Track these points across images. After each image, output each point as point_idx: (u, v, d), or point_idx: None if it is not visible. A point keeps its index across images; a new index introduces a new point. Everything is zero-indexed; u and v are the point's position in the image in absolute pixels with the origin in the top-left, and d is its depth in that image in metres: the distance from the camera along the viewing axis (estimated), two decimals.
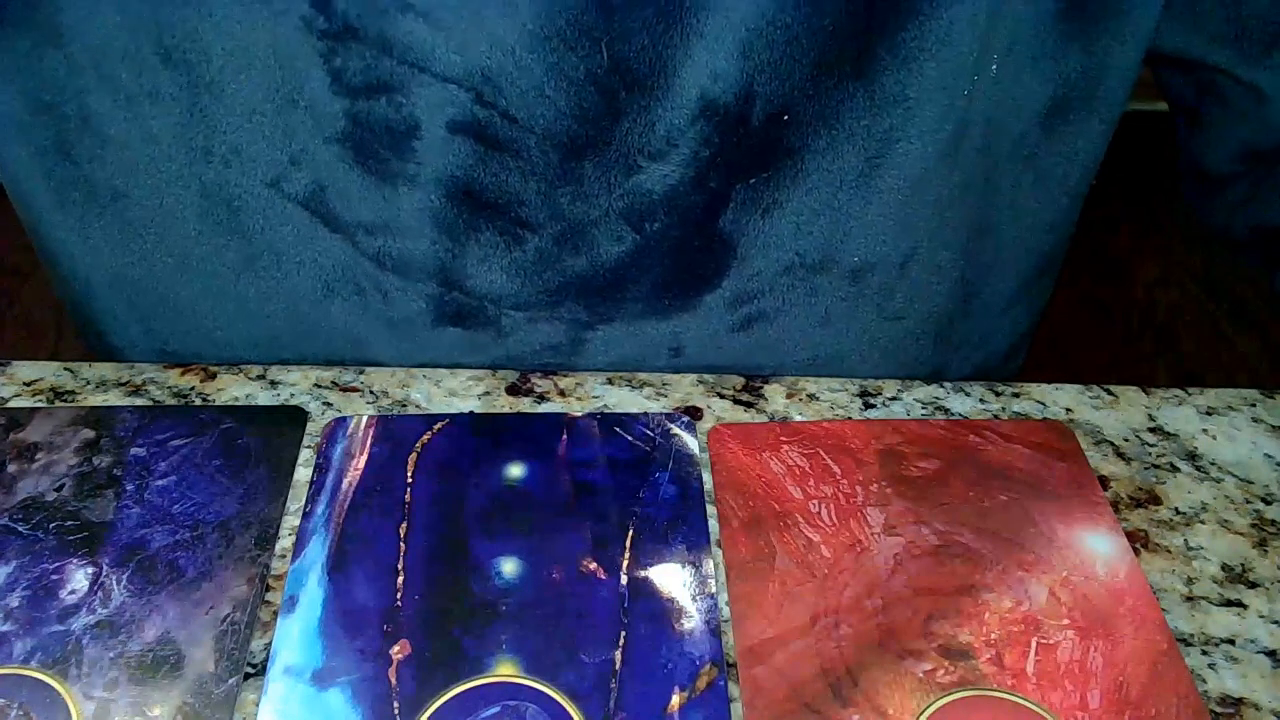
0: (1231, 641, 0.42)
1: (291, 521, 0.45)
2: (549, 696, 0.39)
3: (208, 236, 0.50)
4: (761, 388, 0.53)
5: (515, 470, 0.47)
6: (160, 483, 0.46)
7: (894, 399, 0.52)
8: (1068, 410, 0.52)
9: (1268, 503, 0.48)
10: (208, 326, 0.54)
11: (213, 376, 0.52)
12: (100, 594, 0.42)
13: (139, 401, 0.51)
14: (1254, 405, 0.53)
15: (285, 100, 0.45)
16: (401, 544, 0.44)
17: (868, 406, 0.52)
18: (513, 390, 0.52)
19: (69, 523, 0.44)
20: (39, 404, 0.50)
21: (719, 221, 0.49)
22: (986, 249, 0.54)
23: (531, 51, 0.44)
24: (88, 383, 0.52)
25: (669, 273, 0.51)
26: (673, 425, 0.50)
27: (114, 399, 0.51)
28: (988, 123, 0.48)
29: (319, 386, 0.52)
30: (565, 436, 0.49)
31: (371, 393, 0.52)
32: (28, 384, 0.51)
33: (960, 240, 0.53)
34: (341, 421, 0.49)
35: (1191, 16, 0.49)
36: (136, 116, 0.46)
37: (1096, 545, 0.45)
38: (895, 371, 0.57)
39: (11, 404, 0.50)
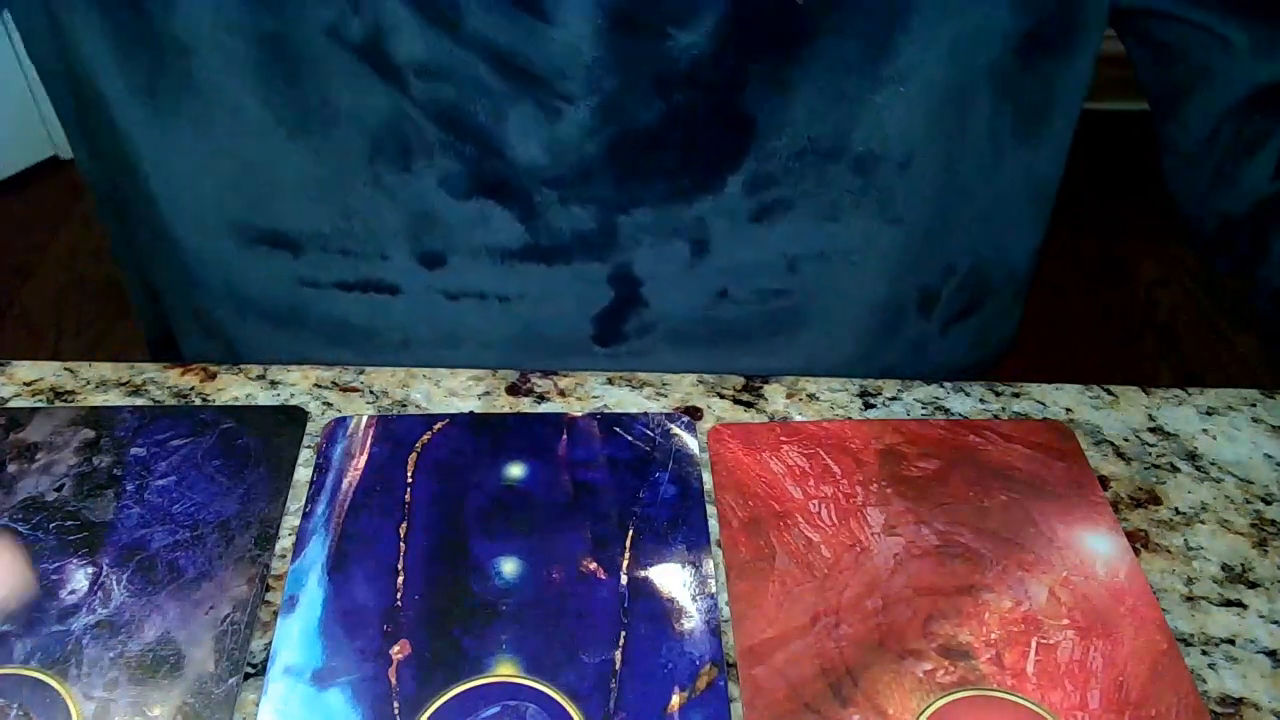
0: (1231, 641, 0.42)
1: (291, 521, 0.45)
2: (549, 696, 0.39)
3: (263, 92, 0.50)
4: (761, 388, 0.53)
5: (515, 470, 0.47)
6: (160, 483, 0.46)
7: (894, 399, 0.52)
8: (1068, 410, 0.52)
9: (1268, 503, 0.48)
10: (255, 191, 0.54)
11: (213, 376, 0.52)
12: (100, 594, 0.42)
13: (139, 401, 0.51)
14: (1254, 405, 0.53)
15: None
16: (401, 544, 0.44)
17: (868, 406, 0.52)
18: (513, 390, 0.52)
19: (69, 523, 0.44)
20: (39, 404, 0.50)
21: (739, 99, 0.50)
22: (990, 162, 0.56)
23: None
24: (88, 383, 0.52)
25: (694, 150, 0.52)
26: (673, 425, 0.50)
27: (114, 399, 0.51)
28: (975, 34, 0.50)
29: (319, 386, 0.52)
30: (565, 436, 0.49)
31: (371, 393, 0.52)
32: (28, 384, 0.51)
33: (951, 150, 0.54)
34: (341, 421, 0.49)
35: None
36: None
37: (1096, 545, 0.45)
38: (894, 271, 0.58)
39: (11, 404, 0.50)
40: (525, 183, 0.52)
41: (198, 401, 0.51)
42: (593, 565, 0.43)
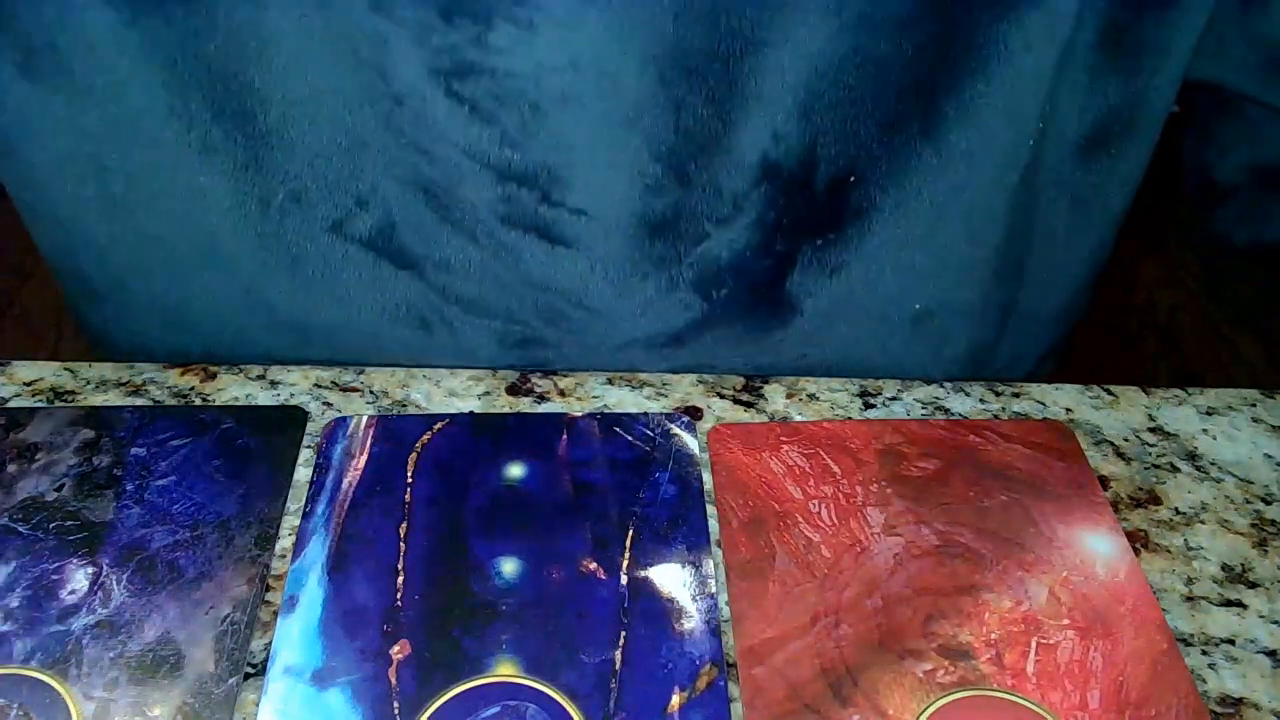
0: (1231, 641, 0.42)
1: (291, 521, 0.45)
2: (549, 696, 0.39)
3: (266, 280, 0.50)
4: (761, 388, 0.53)
5: (515, 470, 0.47)
6: (160, 483, 0.46)
7: (894, 399, 0.52)
8: (1068, 410, 0.52)
9: (1268, 503, 0.48)
10: (269, 350, 0.54)
11: (213, 376, 0.52)
12: (100, 594, 0.42)
13: (139, 401, 0.50)
14: (1254, 405, 0.53)
15: (354, 143, 0.44)
16: (401, 544, 0.44)
17: (868, 406, 0.52)
18: (513, 390, 0.52)
19: (69, 523, 0.44)
20: (39, 404, 0.50)
21: (785, 283, 0.49)
22: (1029, 277, 0.55)
23: (597, 141, 0.43)
24: (88, 383, 0.52)
25: (733, 333, 0.51)
26: (673, 425, 0.50)
27: (114, 399, 0.51)
28: (1039, 162, 0.48)
29: (319, 386, 0.52)
30: (565, 436, 0.49)
31: (371, 393, 0.52)
32: (28, 384, 0.51)
33: (1009, 275, 0.53)
34: (341, 421, 0.49)
35: (1217, 48, 0.48)
36: (188, 175, 0.46)
37: (1096, 545, 0.45)
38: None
39: (11, 404, 0.50)
40: (554, 343, 0.52)
41: (198, 401, 0.51)
42: (593, 565, 0.43)
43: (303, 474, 0.47)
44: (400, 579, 0.43)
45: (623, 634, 0.41)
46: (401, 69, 0.42)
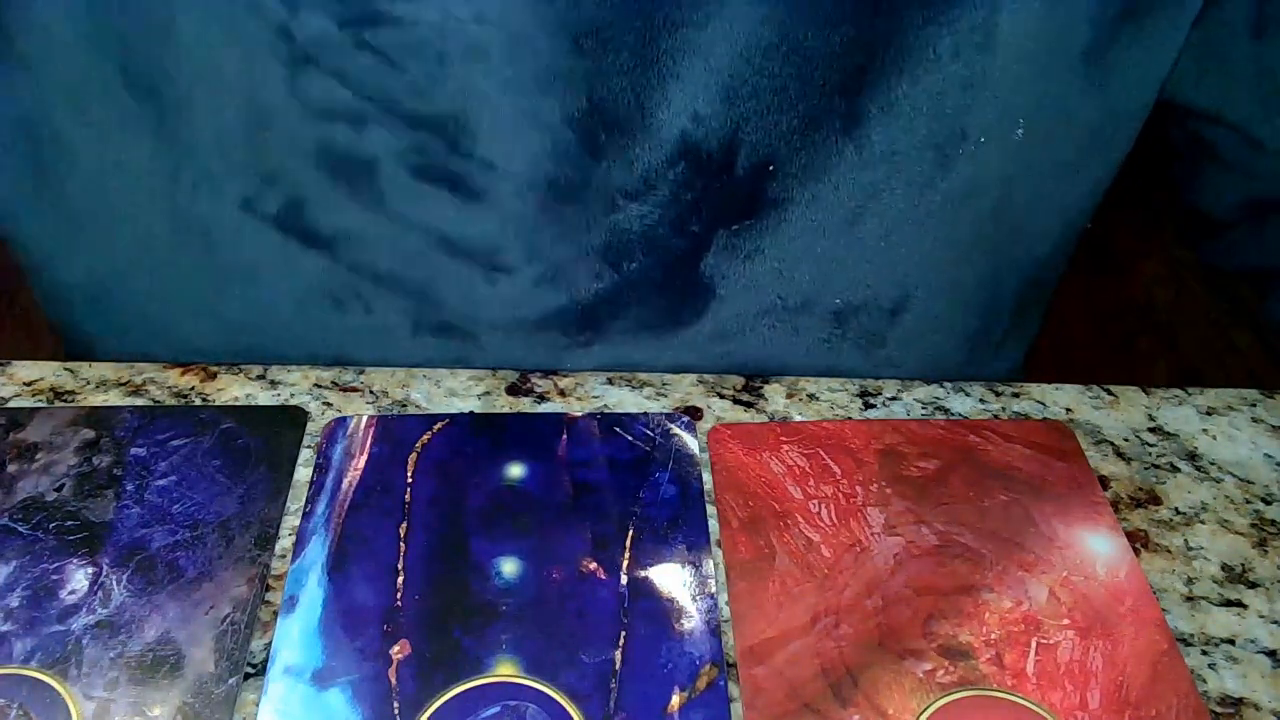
0: (1231, 641, 0.42)
1: (291, 521, 0.45)
2: (549, 696, 0.39)
3: (181, 258, 0.50)
4: (761, 388, 0.53)
5: (515, 470, 0.47)
6: (160, 483, 0.46)
7: (894, 399, 0.52)
8: (1068, 410, 0.52)
9: (1268, 503, 0.48)
10: (187, 338, 0.54)
11: (213, 376, 0.52)
12: (100, 594, 0.42)
13: (139, 401, 0.50)
14: (1254, 405, 0.53)
15: (258, 120, 0.45)
16: (401, 544, 0.44)
17: (868, 406, 0.52)
18: (513, 390, 0.52)
19: (69, 523, 0.44)
20: (39, 404, 0.50)
21: (700, 265, 0.49)
22: (991, 296, 0.54)
23: (506, 97, 0.43)
24: (88, 383, 0.52)
25: (647, 311, 0.51)
26: (673, 425, 0.50)
27: (114, 399, 0.51)
28: (1007, 181, 0.48)
29: (319, 386, 0.52)
30: (565, 436, 0.49)
31: (371, 393, 0.52)
32: (28, 384, 0.51)
33: (964, 291, 0.52)
34: (341, 421, 0.49)
35: (1223, 76, 0.48)
36: (106, 143, 0.46)
37: (1096, 545, 0.45)
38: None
39: (11, 404, 0.50)
40: (469, 328, 0.52)
41: (198, 401, 0.51)
42: (593, 565, 0.43)
43: (303, 474, 0.47)
44: (400, 579, 0.43)
45: (623, 634, 0.41)
46: (309, 24, 0.42)
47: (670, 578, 0.43)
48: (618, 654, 0.40)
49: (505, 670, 0.40)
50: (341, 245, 0.49)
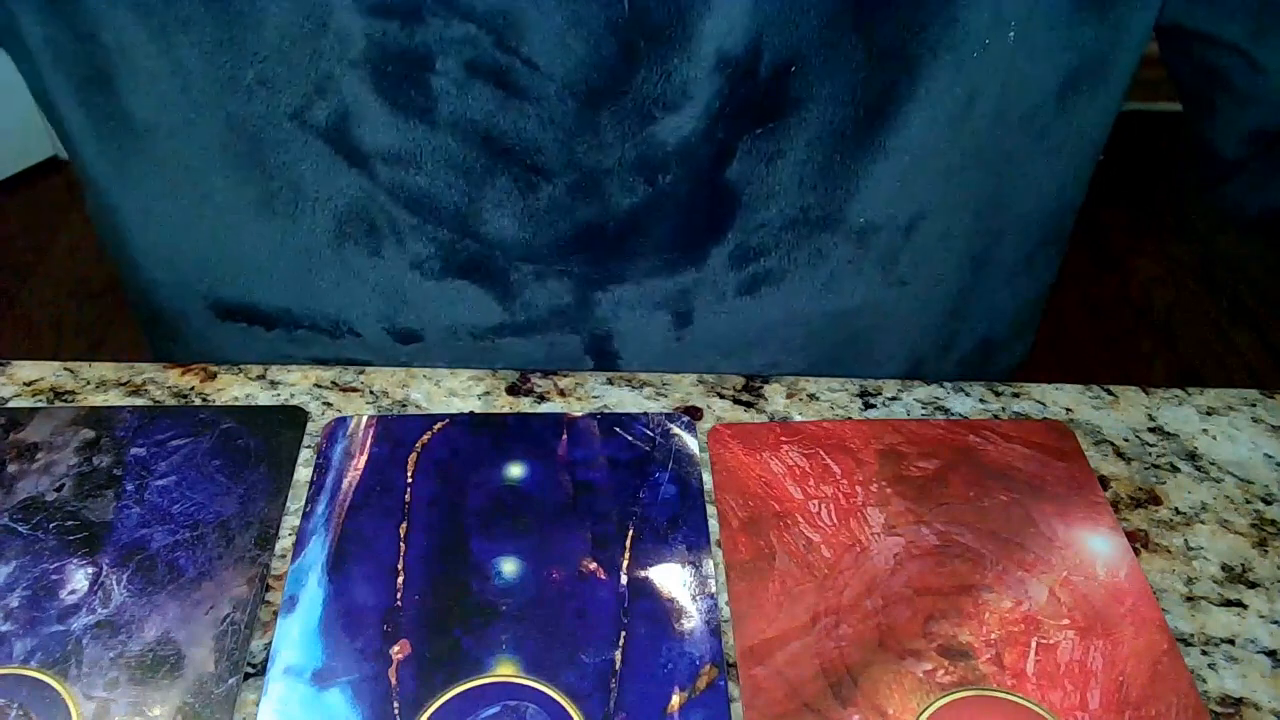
0: (1231, 641, 0.42)
1: (291, 521, 0.45)
2: (549, 696, 0.39)
3: (230, 171, 0.50)
4: (761, 388, 0.53)
5: (515, 470, 0.47)
6: (160, 483, 0.46)
7: (894, 399, 0.52)
8: (1068, 410, 0.52)
9: (1268, 503, 0.48)
10: (225, 265, 0.54)
11: (213, 376, 0.52)
12: (100, 594, 0.42)
13: (139, 401, 0.51)
14: (1254, 405, 0.53)
15: (314, 23, 0.45)
16: (401, 544, 0.44)
17: (868, 406, 0.52)
18: (513, 390, 0.52)
19: (69, 523, 0.44)
20: (39, 404, 0.50)
21: (725, 172, 0.49)
22: (996, 219, 0.54)
23: (553, 2, 0.44)
24: (88, 383, 0.52)
25: (677, 225, 0.51)
26: (673, 425, 0.50)
27: (114, 399, 0.51)
28: (1002, 92, 0.48)
29: (319, 386, 0.52)
30: (565, 436, 0.49)
31: (371, 393, 0.52)
32: (28, 384, 0.51)
33: (970, 209, 0.53)
34: (341, 421, 0.49)
35: None
36: (169, 45, 0.46)
37: (1096, 545, 0.45)
38: (901, 341, 0.57)
39: (11, 404, 0.50)
40: (500, 261, 0.52)
41: (198, 401, 0.51)
42: (593, 565, 0.43)
43: (303, 474, 0.47)
44: (400, 579, 0.43)
45: (623, 634, 0.41)
46: None
47: (670, 578, 0.43)
48: (618, 654, 0.40)
49: (505, 670, 0.40)
50: (380, 165, 0.49)
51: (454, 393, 0.52)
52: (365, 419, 0.50)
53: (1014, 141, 0.51)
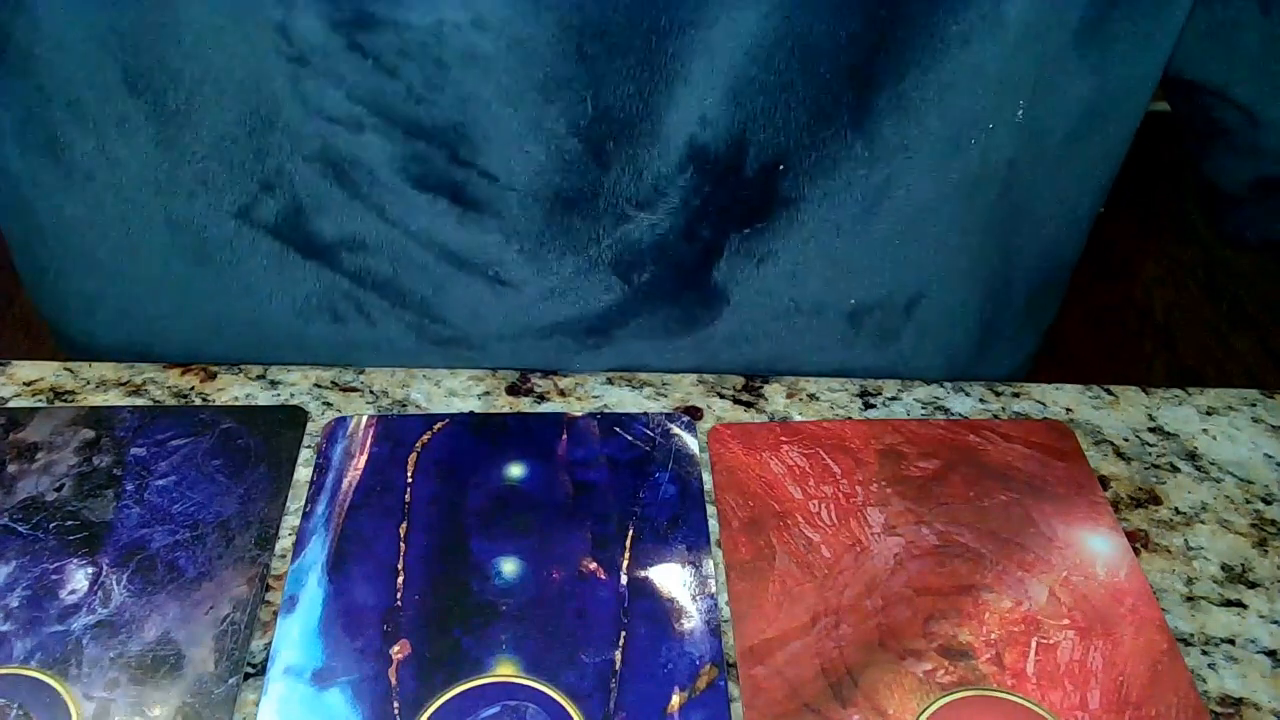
0: (1231, 641, 0.42)
1: (291, 521, 0.45)
2: (549, 696, 0.39)
3: (176, 267, 0.50)
4: (761, 388, 0.53)
5: (515, 470, 0.47)
6: (160, 483, 0.46)
7: (894, 399, 0.52)
8: (1068, 410, 0.52)
9: (1268, 503, 0.48)
10: (184, 345, 0.53)
11: (213, 376, 0.52)
12: (100, 594, 0.42)
13: (139, 401, 0.50)
14: (1254, 405, 0.53)
15: (260, 122, 0.44)
16: (401, 544, 0.44)
17: (868, 406, 0.52)
18: (513, 390, 0.52)
19: (69, 523, 0.44)
20: (39, 404, 0.50)
21: (712, 272, 0.49)
22: (1001, 281, 0.54)
23: (508, 106, 0.42)
24: (88, 383, 0.52)
25: (659, 320, 0.50)
26: (673, 425, 0.50)
27: (114, 399, 0.51)
28: (1011, 164, 0.47)
29: (319, 386, 0.52)
30: (565, 436, 0.49)
31: (371, 393, 0.52)
32: (28, 384, 0.51)
33: (976, 278, 0.52)
34: (341, 421, 0.49)
35: (1228, 53, 0.48)
36: (103, 145, 0.46)
37: (1096, 545, 0.45)
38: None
39: (11, 404, 0.50)
40: (476, 341, 0.51)
41: (198, 401, 0.51)
42: (593, 565, 0.43)
43: (303, 474, 0.47)
44: (400, 579, 0.43)
45: (623, 634, 0.41)
46: (303, 25, 0.41)
47: (670, 578, 0.43)
48: (618, 654, 0.40)
49: (505, 670, 0.40)
50: (342, 254, 0.48)
51: (454, 393, 0.52)
52: (365, 419, 0.50)
53: (1019, 205, 0.50)
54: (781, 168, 0.45)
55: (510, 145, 0.44)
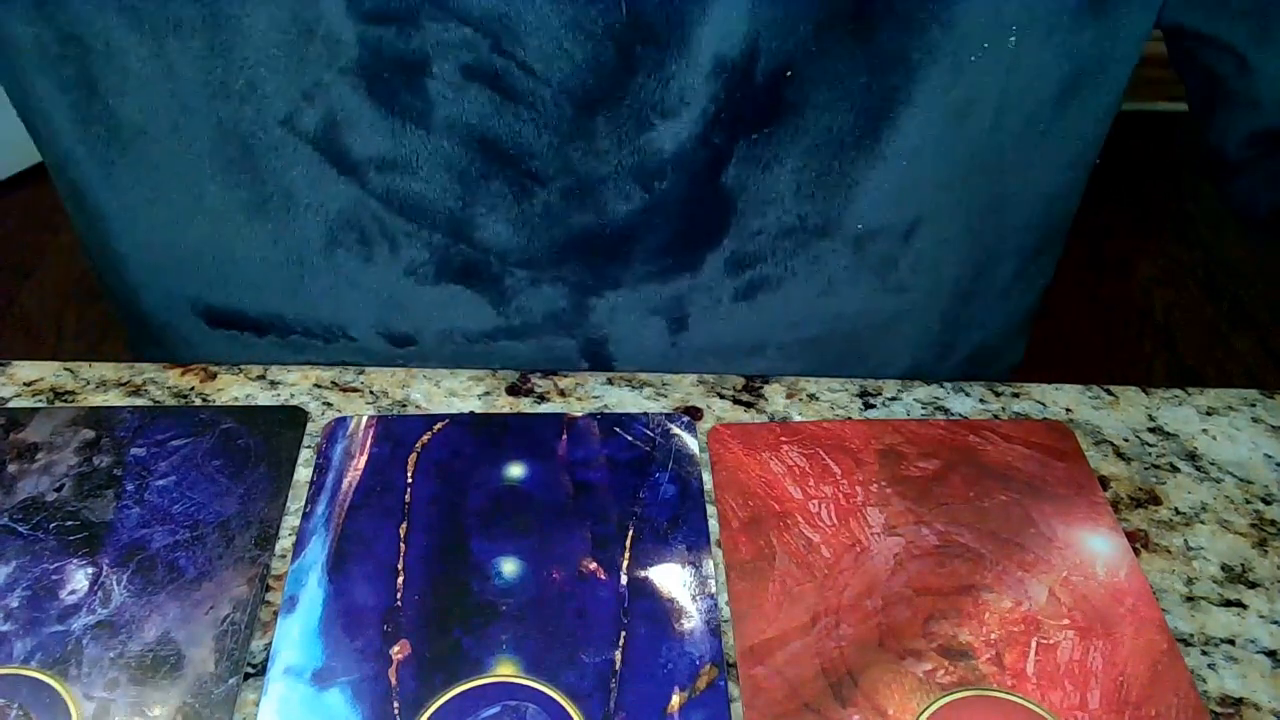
0: (1231, 641, 0.42)
1: (291, 521, 0.45)
2: (549, 696, 0.39)
3: (220, 176, 0.50)
4: (761, 388, 0.53)
5: (515, 470, 0.47)
6: (160, 483, 0.46)
7: (894, 399, 0.52)
8: (1068, 410, 0.52)
9: (1268, 503, 0.48)
10: (215, 270, 0.54)
11: (213, 376, 0.52)
12: (100, 594, 0.42)
13: (139, 401, 0.50)
14: (1254, 405, 0.53)
15: (302, 30, 0.45)
16: (401, 544, 0.44)
17: (868, 406, 0.52)
18: (513, 390, 0.52)
19: (69, 523, 0.44)
20: (39, 404, 0.50)
21: (721, 178, 0.49)
22: (994, 224, 0.54)
23: (551, 2, 0.43)
24: (88, 383, 0.52)
25: (674, 232, 0.51)
26: (673, 425, 0.50)
27: (114, 399, 0.51)
28: (1001, 97, 0.48)
29: (319, 386, 0.52)
30: (565, 436, 0.49)
31: (371, 393, 0.52)
32: (28, 384, 0.51)
33: (969, 214, 0.53)
34: (341, 421, 0.49)
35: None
36: (159, 50, 0.46)
37: (1096, 545, 0.45)
38: (899, 347, 0.57)
39: (11, 404, 0.50)
40: (495, 267, 0.52)
41: (198, 401, 0.51)
42: (593, 565, 0.43)
43: (303, 474, 0.47)
44: (400, 579, 0.43)
45: (623, 634, 0.41)
46: None
47: (670, 578, 0.43)
48: (618, 654, 0.40)
49: (505, 670, 0.40)
50: (372, 171, 0.49)
51: (454, 393, 0.52)
52: (365, 419, 0.50)
53: (1012, 146, 0.51)
54: (789, 74, 0.46)
55: (549, 41, 0.45)
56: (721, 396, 0.52)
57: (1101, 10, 0.47)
